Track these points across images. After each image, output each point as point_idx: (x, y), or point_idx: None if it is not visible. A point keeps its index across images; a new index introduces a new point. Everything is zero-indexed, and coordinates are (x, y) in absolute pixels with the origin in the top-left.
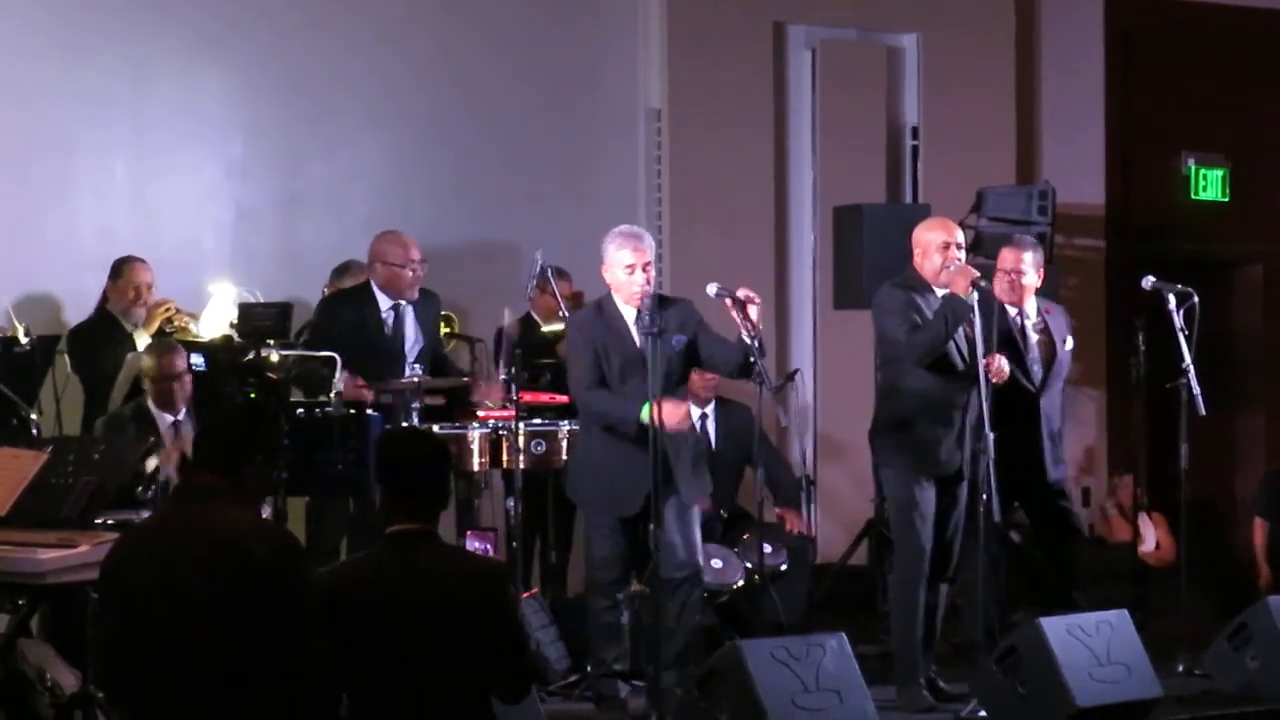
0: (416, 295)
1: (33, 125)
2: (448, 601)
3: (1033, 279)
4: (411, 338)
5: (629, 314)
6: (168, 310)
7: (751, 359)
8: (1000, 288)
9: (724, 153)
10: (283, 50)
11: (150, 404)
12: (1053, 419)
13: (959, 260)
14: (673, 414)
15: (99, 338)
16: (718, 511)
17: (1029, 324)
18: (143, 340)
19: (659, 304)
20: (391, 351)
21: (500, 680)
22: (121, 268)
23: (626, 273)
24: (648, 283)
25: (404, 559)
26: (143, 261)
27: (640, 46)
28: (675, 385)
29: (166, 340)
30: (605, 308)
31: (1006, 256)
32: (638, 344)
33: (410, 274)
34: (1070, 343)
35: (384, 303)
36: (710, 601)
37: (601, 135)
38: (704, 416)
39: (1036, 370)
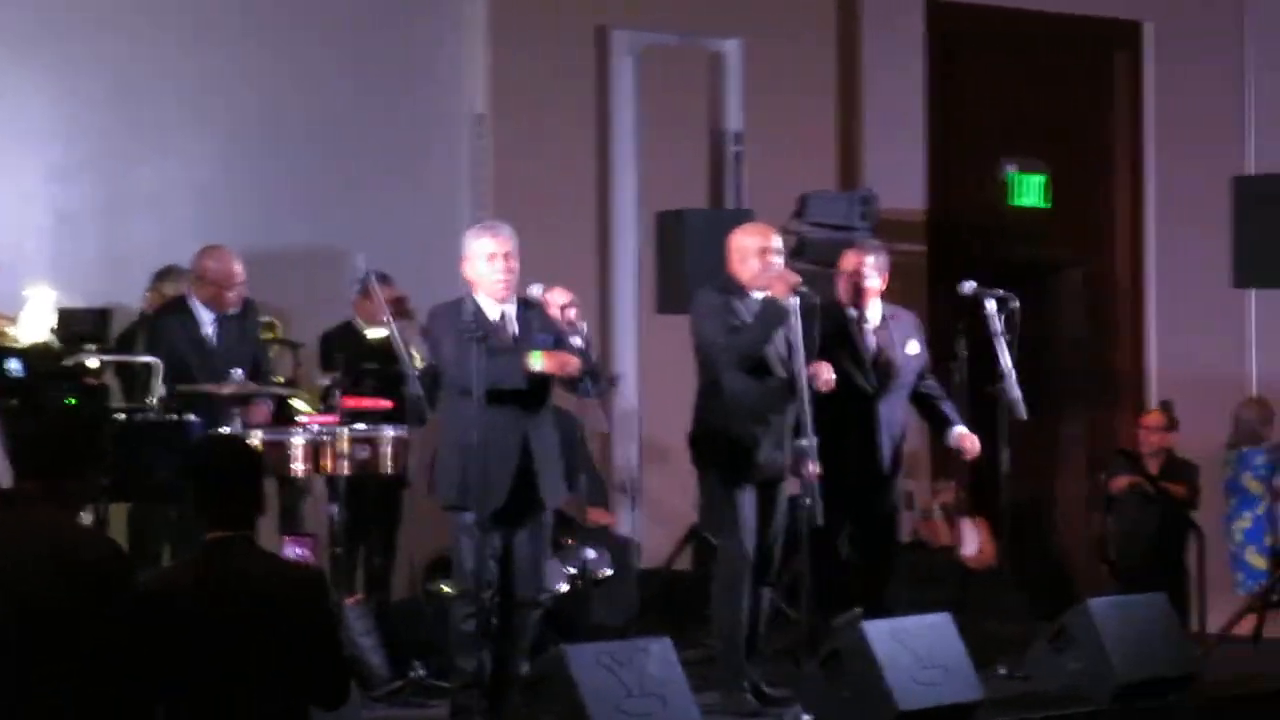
0: (234, 311)
1: None
2: (264, 608)
3: (875, 282)
4: (229, 347)
5: (495, 310)
6: None
7: (587, 360)
8: (842, 289)
9: (548, 157)
10: (105, 51)
11: None
12: (893, 423)
13: (777, 264)
14: (565, 360)
15: None
16: None
17: (867, 327)
18: None
19: (522, 306)
20: (213, 362)
21: (317, 687)
22: None
23: (487, 261)
24: (508, 272)
25: (221, 565)
26: None
27: (464, 51)
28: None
29: None
30: (466, 304)
31: (849, 259)
32: (510, 336)
33: (232, 293)
34: (914, 347)
35: (205, 315)
36: None
37: (426, 139)
38: None
39: (871, 374)
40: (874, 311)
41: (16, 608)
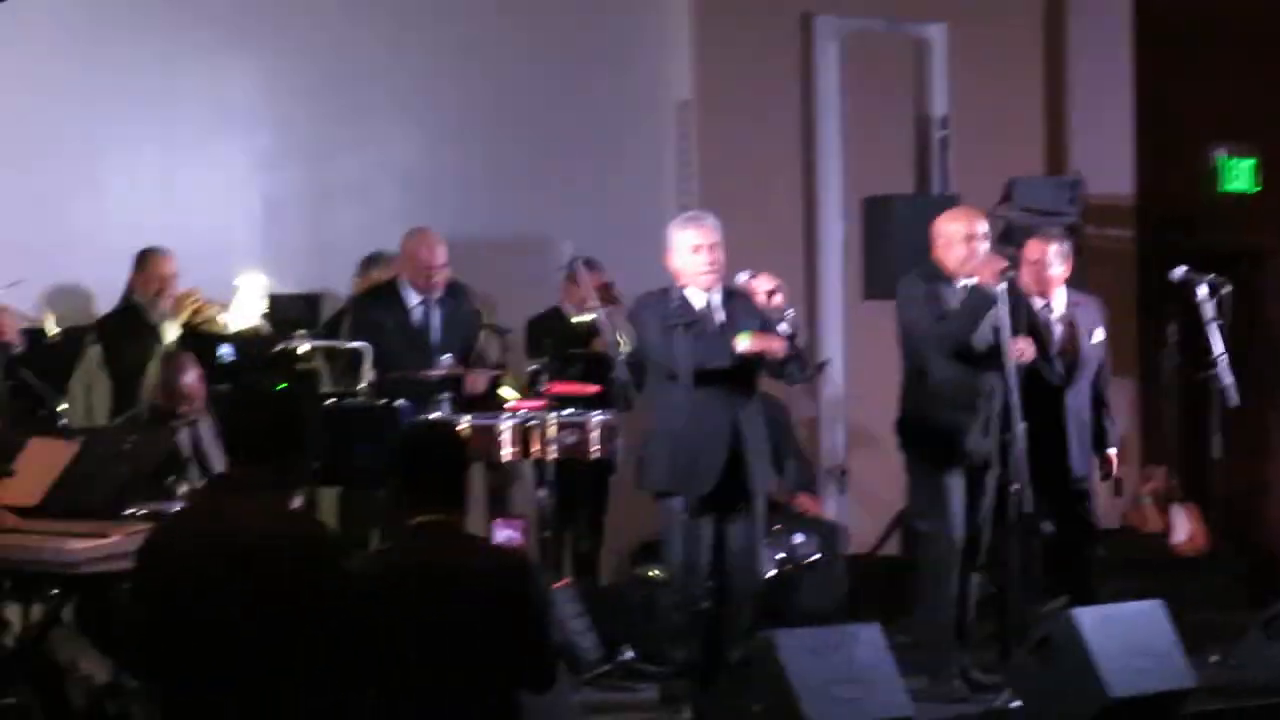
0: (439, 293)
1: (62, 118)
2: (470, 592)
3: (1059, 270)
4: (439, 331)
5: (700, 299)
6: (195, 302)
7: (794, 346)
8: (1026, 279)
9: (753, 144)
10: (311, 42)
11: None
12: (1082, 413)
13: (983, 251)
14: (771, 340)
15: (124, 329)
16: None
17: (1053, 316)
18: (170, 331)
19: (726, 296)
20: (420, 345)
21: (525, 671)
22: (145, 259)
23: (692, 252)
24: (713, 263)
25: (427, 550)
26: (166, 253)
27: (668, 38)
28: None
29: (173, 351)
30: (672, 293)
31: (1033, 248)
32: (715, 325)
33: (436, 276)
34: (1099, 335)
35: (412, 298)
36: None
37: (630, 127)
38: None
39: (1058, 364)
40: (1059, 300)
41: (227, 589)
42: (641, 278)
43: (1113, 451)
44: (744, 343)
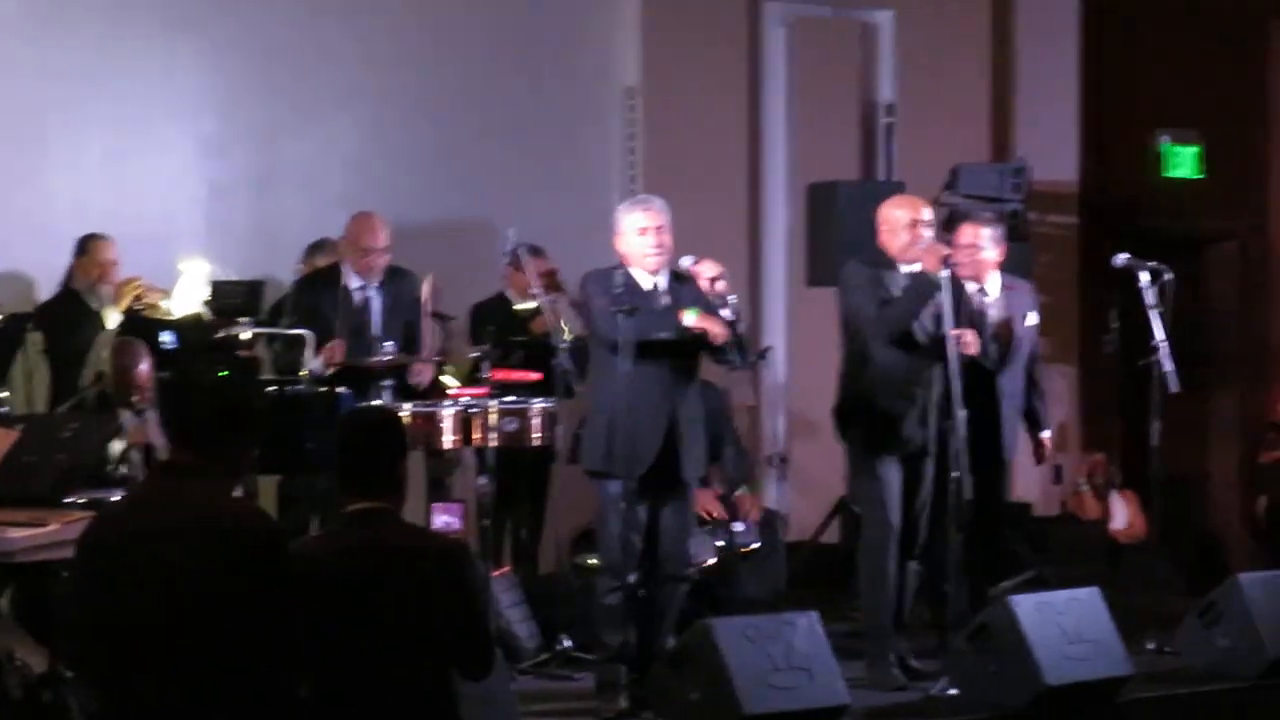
0: (379, 279)
1: (4, 101)
2: (407, 579)
3: (991, 255)
4: (380, 317)
5: (647, 281)
6: (137, 288)
7: (736, 332)
8: (960, 264)
9: (699, 130)
10: (257, 25)
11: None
12: (1015, 397)
13: (927, 237)
14: (716, 323)
15: (65, 315)
16: None
17: (987, 300)
18: (112, 318)
19: (673, 279)
20: (361, 331)
21: (463, 656)
22: (86, 245)
23: (639, 234)
24: (660, 246)
25: (364, 536)
26: (107, 238)
27: (616, 23)
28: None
29: (126, 339)
30: (618, 274)
31: (965, 232)
32: (663, 304)
33: (374, 260)
34: (1032, 319)
35: (354, 283)
36: None
37: (577, 112)
38: None
39: (992, 348)
40: (992, 284)
41: (169, 579)
42: (587, 263)
43: (1046, 434)
44: (690, 317)
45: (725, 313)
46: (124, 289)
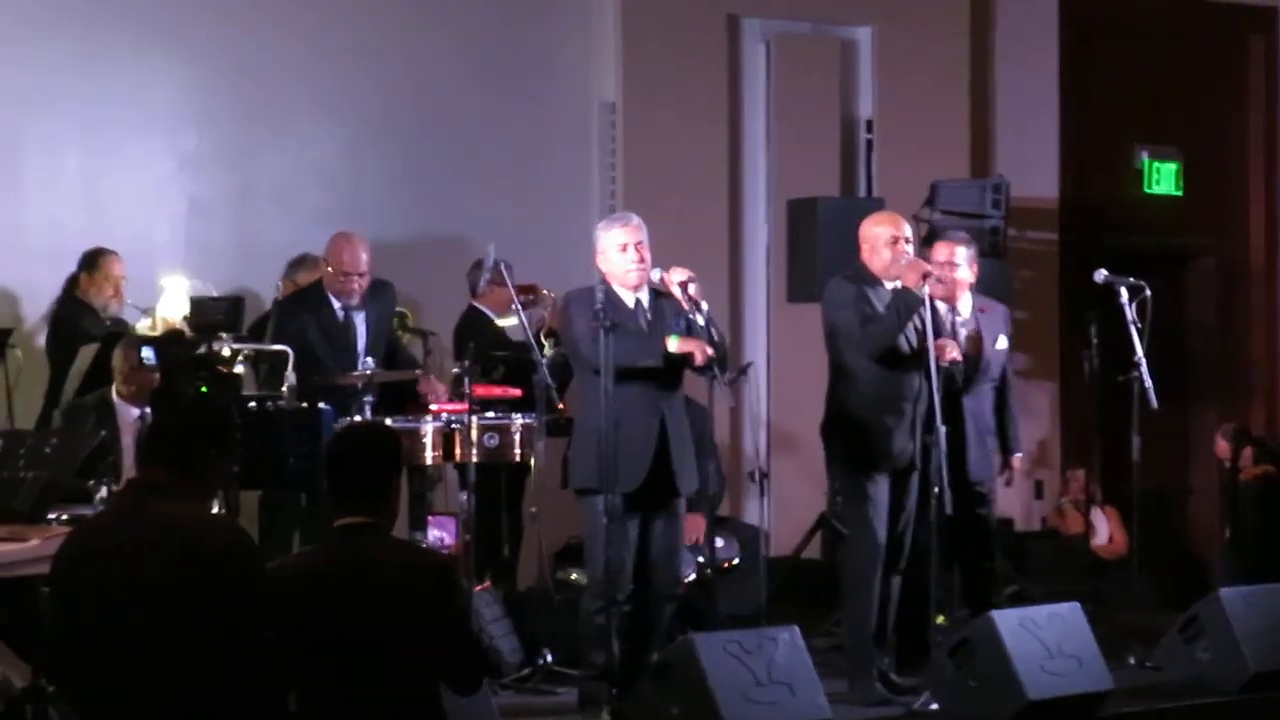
0: (356, 301)
1: None
2: (396, 594)
3: (966, 274)
4: (364, 334)
5: (629, 298)
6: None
7: (714, 342)
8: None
9: (678, 146)
10: (234, 41)
11: (114, 396)
12: (980, 418)
13: (908, 254)
14: (702, 346)
15: (83, 330)
16: None
17: (958, 320)
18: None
19: (654, 295)
20: (345, 348)
21: (451, 673)
22: (96, 260)
23: (619, 251)
24: (642, 261)
25: (352, 552)
26: (116, 254)
27: (594, 39)
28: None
29: (138, 335)
30: (597, 292)
31: (940, 249)
32: (644, 324)
33: (354, 284)
34: (1003, 342)
35: (337, 301)
36: None
37: (555, 128)
38: None
39: (959, 369)
40: (965, 304)
41: (145, 597)
42: (565, 280)
43: (1018, 456)
44: (674, 344)
45: (698, 319)
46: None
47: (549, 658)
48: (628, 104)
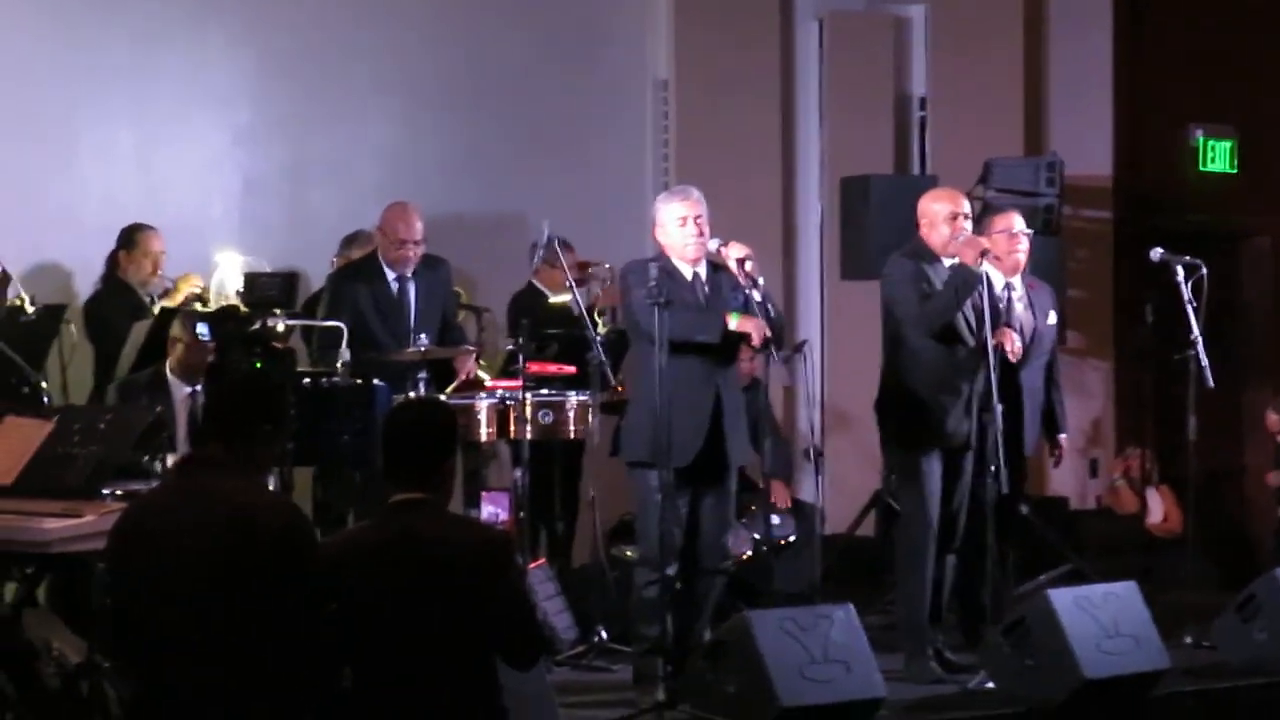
0: (410, 270)
1: (37, 95)
2: (451, 570)
3: (1024, 247)
4: (416, 307)
5: (686, 271)
6: (194, 283)
7: (770, 319)
8: (998, 252)
9: (731, 123)
10: (291, 18)
11: (168, 372)
12: (1035, 393)
13: (967, 230)
14: (758, 325)
15: (120, 309)
16: None
17: (1014, 295)
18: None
19: (711, 269)
20: (398, 322)
21: (508, 648)
22: (134, 236)
23: (679, 225)
24: (701, 235)
25: (407, 528)
26: (154, 229)
27: (648, 16)
28: None
29: (194, 311)
30: (653, 266)
31: (1001, 221)
32: (702, 297)
33: (409, 252)
34: (1053, 318)
35: (390, 274)
36: None
37: (609, 105)
38: None
39: (1018, 343)
40: (1018, 278)
41: (199, 573)
42: (618, 256)
43: (1064, 437)
44: (734, 321)
45: (755, 295)
46: (181, 283)
47: (603, 635)
48: (681, 81)
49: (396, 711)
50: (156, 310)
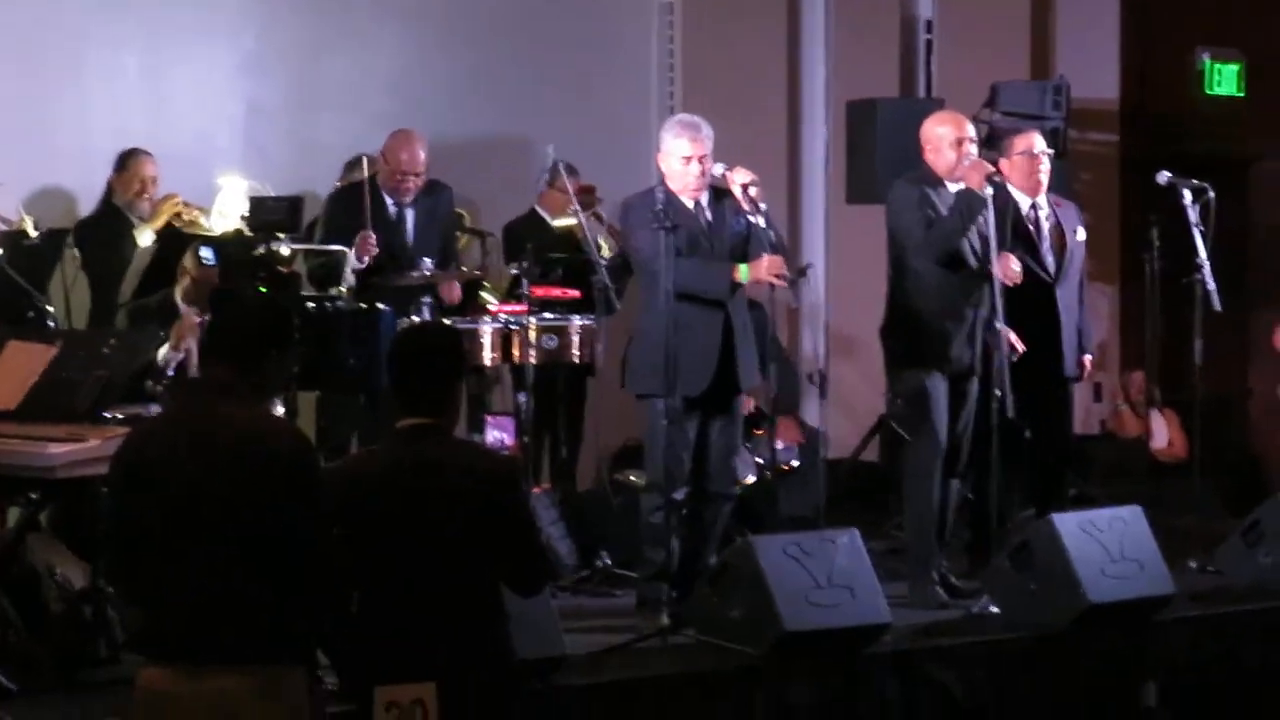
0: (410, 199)
1: (43, 20)
2: (458, 495)
3: (1046, 167)
4: (414, 232)
5: (689, 200)
6: (175, 205)
7: (774, 242)
8: (1015, 177)
9: (737, 47)
10: None
11: (179, 299)
12: (1072, 310)
13: (972, 155)
14: (774, 264)
15: (105, 231)
16: None
17: (1042, 214)
18: (145, 234)
19: (714, 196)
20: (396, 245)
21: (514, 573)
22: (127, 160)
23: (682, 163)
24: (703, 175)
25: (414, 453)
26: (148, 154)
27: None
28: None
29: (200, 236)
30: (657, 194)
31: (1021, 140)
32: (704, 223)
33: (410, 183)
34: (1081, 234)
35: (389, 200)
36: None
37: (614, 29)
38: None
39: (1051, 262)
40: (1043, 198)
41: (204, 497)
42: (624, 181)
43: (1089, 357)
44: (744, 276)
45: (759, 220)
46: (162, 206)
47: (607, 560)
48: (686, 5)
49: (403, 635)
50: (139, 233)
